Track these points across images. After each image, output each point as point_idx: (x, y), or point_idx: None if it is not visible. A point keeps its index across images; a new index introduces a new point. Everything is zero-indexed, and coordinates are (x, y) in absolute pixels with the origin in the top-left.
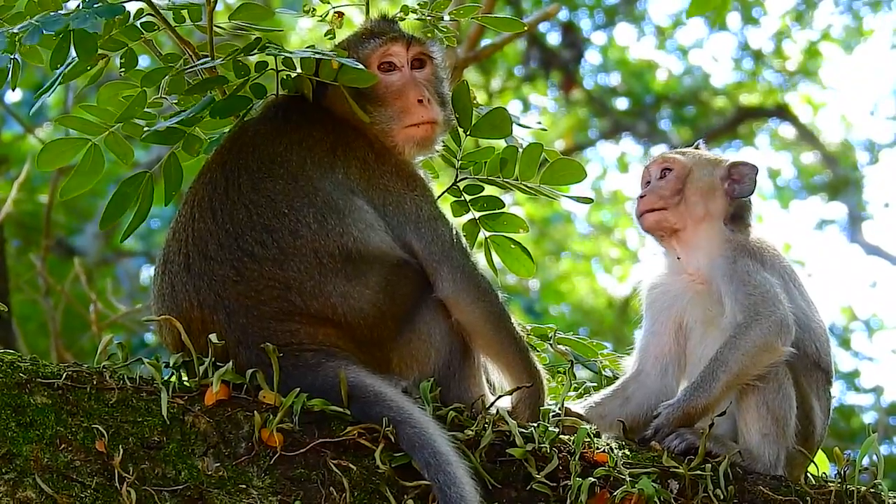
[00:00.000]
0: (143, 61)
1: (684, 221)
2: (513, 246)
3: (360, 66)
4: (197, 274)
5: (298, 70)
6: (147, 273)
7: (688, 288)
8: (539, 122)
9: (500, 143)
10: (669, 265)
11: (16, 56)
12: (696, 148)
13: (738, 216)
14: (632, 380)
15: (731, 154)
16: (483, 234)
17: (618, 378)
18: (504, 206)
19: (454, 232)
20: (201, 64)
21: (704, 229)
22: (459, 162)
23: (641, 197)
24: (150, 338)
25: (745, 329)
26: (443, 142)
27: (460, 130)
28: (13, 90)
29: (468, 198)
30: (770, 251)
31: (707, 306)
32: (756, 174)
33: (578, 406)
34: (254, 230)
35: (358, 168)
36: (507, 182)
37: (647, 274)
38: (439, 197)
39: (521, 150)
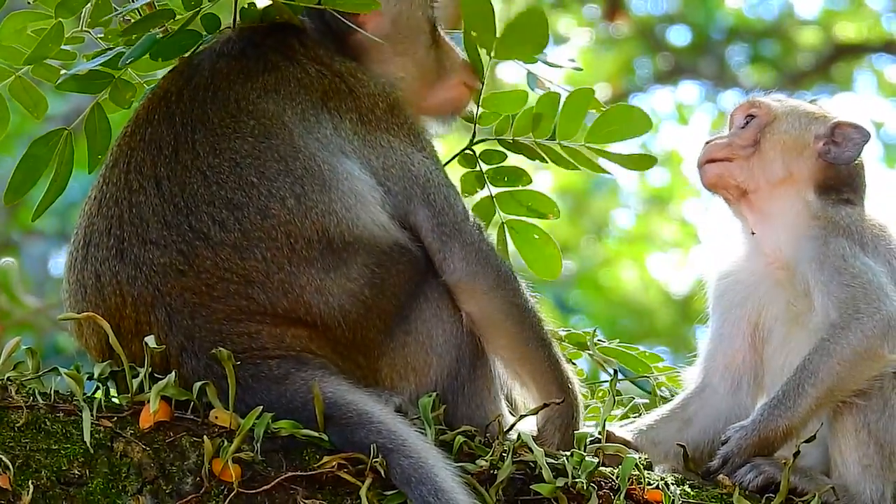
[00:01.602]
0: None
1: (755, 181)
2: (537, 236)
3: None
4: (132, 262)
5: None
6: (59, 259)
7: (765, 276)
8: (572, 61)
9: (525, 93)
10: (744, 247)
11: None
12: (813, 103)
13: (832, 188)
14: (694, 396)
15: (836, 109)
16: (499, 216)
17: (676, 395)
18: (531, 181)
19: (467, 206)
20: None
21: (784, 195)
22: (479, 112)
23: (708, 143)
24: (67, 342)
25: (841, 330)
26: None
27: (481, 53)
28: None
29: (485, 167)
30: (873, 230)
31: (790, 300)
32: (866, 142)
33: (625, 430)
34: (212, 206)
35: (354, 121)
36: (539, 144)
37: (716, 259)
38: (448, 162)
39: (562, 100)
